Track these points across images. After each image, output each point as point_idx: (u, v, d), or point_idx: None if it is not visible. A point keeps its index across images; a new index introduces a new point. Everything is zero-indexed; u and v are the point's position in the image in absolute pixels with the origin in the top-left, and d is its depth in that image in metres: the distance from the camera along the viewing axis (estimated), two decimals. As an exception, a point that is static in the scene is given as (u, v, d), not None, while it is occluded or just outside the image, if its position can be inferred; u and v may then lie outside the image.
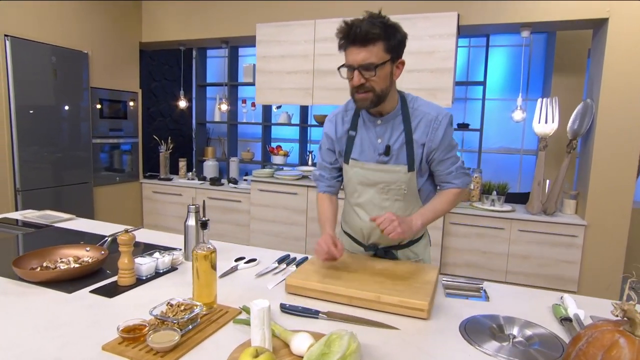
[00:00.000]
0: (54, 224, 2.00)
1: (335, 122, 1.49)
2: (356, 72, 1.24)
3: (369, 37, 1.20)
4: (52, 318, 1.06)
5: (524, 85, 4.48)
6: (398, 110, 1.38)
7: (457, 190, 1.44)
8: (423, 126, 1.37)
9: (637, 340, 0.68)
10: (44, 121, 3.46)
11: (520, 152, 4.59)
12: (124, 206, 4.36)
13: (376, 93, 1.27)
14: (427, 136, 1.37)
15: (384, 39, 1.22)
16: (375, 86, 1.26)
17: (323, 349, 0.79)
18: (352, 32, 1.22)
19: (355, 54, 1.23)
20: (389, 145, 1.39)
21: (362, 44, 1.22)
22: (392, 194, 1.43)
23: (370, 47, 1.21)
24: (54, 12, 3.53)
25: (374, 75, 1.24)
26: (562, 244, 3.11)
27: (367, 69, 1.23)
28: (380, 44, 1.22)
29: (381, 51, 1.23)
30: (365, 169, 1.43)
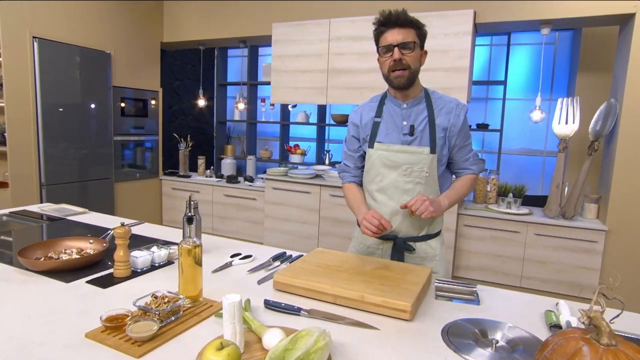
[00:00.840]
0: (67, 217, 2.09)
1: (361, 112, 1.61)
2: (396, 49, 1.41)
3: (407, 22, 1.41)
4: (44, 306, 1.11)
5: (547, 84, 4.33)
6: (422, 97, 1.53)
7: (474, 176, 1.60)
8: (445, 113, 1.51)
9: (601, 348, 0.65)
10: (68, 119, 3.61)
11: (543, 153, 4.44)
12: (144, 202, 4.49)
13: (411, 70, 1.43)
14: (450, 122, 1.50)
15: (416, 27, 1.43)
16: (410, 63, 1.42)
17: (287, 345, 0.80)
18: (393, 16, 1.41)
19: (396, 34, 1.40)
20: (414, 125, 1.50)
21: (402, 26, 1.40)
22: (414, 176, 1.51)
23: (408, 29, 1.41)
24: (78, 14, 3.68)
25: (411, 52, 1.41)
26: (581, 249, 3.00)
27: (406, 47, 1.41)
28: (413, 30, 1.43)
29: (415, 36, 1.43)
30: (390, 151, 1.52)
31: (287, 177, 3.93)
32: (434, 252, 1.59)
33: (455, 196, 1.54)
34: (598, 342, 0.67)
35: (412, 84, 1.48)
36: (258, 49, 5.22)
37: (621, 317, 1.14)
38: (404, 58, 1.41)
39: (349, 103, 3.75)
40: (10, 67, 3.23)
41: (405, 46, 1.41)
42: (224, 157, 5.04)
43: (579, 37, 3.91)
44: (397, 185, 1.51)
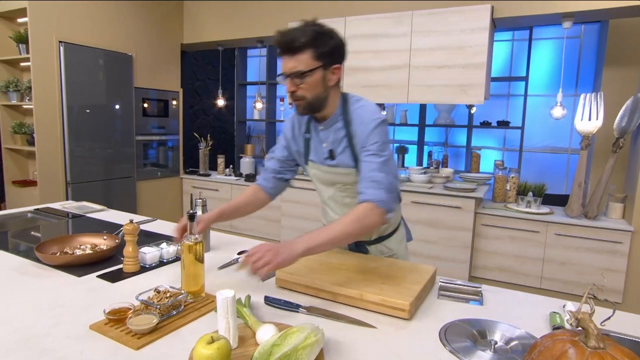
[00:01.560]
0: (86, 214, 2.17)
1: (292, 123, 1.51)
2: (288, 80, 1.26)
3: (295, 46, 1.21)
4: (54, 298, 1.16)
5: (572, 79, 4.19)
6: (338, 115, 1.36)
7: (365, 205, 1.22)
8: (358, 124, 1.33)
9: (588, 351, 0.63)
10: (92, 120, 3.75)
11: (568, 151, 4.30)
12: (165, 200, 4.61)
13: (307, 100, 1.28)
14: (357, 134, 1.33)
15: (312, 47, 1.22)
16: (305, 94, 1.27)
17: (276, 340, 0.81)
18: (280, 41, 1.23)
19: (286, 63, 1.25)
20: (332, 149, 1.40)
21: (290, 52, 1.23)
22: (350, 192, 1.44)
23: (298, 55, 1.22)
24: (102, 19, 3.81)
25: (303, 83, 1.25)
26: (605, 250, 2.89)
27: (296, 77, 1.24)
28: (308, 52, 1.22)
29: (310, 59, 1.23)
30: (321, 171, 1.45)
31: (304, 176, 3.93)
32: (390, 251, 1.57)
33: (323, 239, 1.16)
34: (586, 344, 0.65)
35: (316, 111, 1.34)
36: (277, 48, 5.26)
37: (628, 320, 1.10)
38: (297, 89, 1.26)
39: (364, 101, 3.72)
40: (39, 71, 3.38)
41: (296, 75, 1.24)
42: (243, 156, 5.11)
43: (606, 29, 3.76)
44: (337, 200, 1.47)
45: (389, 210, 1.25)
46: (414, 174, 3.59)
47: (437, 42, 3.22)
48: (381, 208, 1.22)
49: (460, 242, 3.24)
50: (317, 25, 1.25)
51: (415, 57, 3.34)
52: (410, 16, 3.32)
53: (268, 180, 1.54)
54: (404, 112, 4.51)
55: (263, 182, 1.54)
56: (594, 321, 0.65)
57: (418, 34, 3.31)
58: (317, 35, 1.23)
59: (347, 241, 1.26)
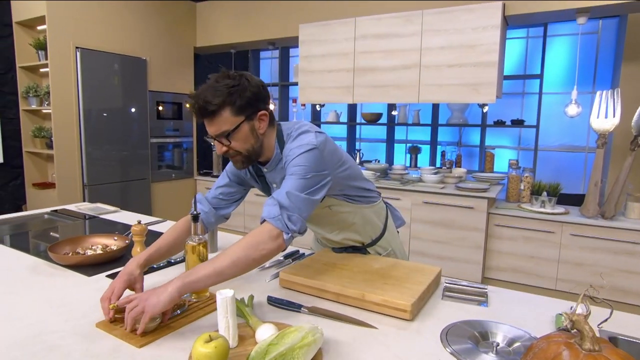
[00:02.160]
0: (100, 215, 2.23)
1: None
2: (216, 142, 1.21)
3: (210, 109, 1.14)
4: (64, 297, 1.20)
5: (589, 76, 4.09)
6: (278, 154, 1.30)
7: (259, 226, 1.15)
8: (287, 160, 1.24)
9: (582, 353, 0.62)
10: (108, 123, 3.84)
11: (585, 149, 4.20)
12: (179, 201, 4.68)
13: (244, 155, 1.23)
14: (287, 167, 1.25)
15: (228, 105, 1.15)
16: (239, 149, 1.21)
17: (274, 339, 0.82)
18: (195, 107, 1.16)
19: (208, 127, 1.19)
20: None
21: (209, 116, 1.16)
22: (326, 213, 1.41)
23: (217, 118, 1.16)
24: (116, 24, 3.90)
25: (233, 140, 1.19)
26: (624, 251, 2.81)
27: (223, 138, 1.18)
28: (226, 111, 1.15)
29: (230, 117, 1.16)
30: None
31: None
32: (385, 250, 1.57)
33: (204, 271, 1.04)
34: (581, 347, 0.64)
35: (257, 159, 1.28)
36: (289, 50, 5.29)
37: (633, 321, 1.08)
38: (228, 148, 1.20)
39: (375, 101, 3.72)
40: (57, 77, 3.48)
41: (222, 137, 1.18)
42: (255, 157, 5.15)
43: (625, 24, 3.66)
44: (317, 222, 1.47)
45: (286, 229, 1.13)
46: (425, 174, 3.56)
47: (448, 40, 3.19)
48: (275, 227, 1.12)
49: (472, 243, 3.20)
50: (228, 77, 1.17)
51: (425, 57, 3.31)
52: (420, 15, 3.30)
53: (210, 214, 1.41)
54: (416, 112, 4.48)
55: (204, 216, 1.40)
56: (589, 323, 0.64)
57: (428, 33, 3.28)
58: (231, 91, 1.14)
59: (235, 271, 1.08)
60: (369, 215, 1.50)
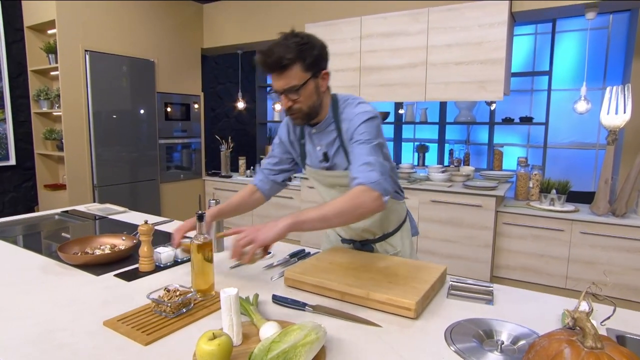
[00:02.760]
0: (109, 215, 2.26)
1: (288, 128, 1.52)
2: (283, 97, 1.28)
3: (283, 64, 1.21)
4: (73, 296, 1.22)
5: (600, 72, 4.04)
6: (330, 117, 1.38)
7: (358, 188, 1.20)
8: (346, 126, 1.35)
9: (584, 351, 0.62)
10: (117, 125, 3.88)
11: (596, 147, 4.15)
12: (188, 201, 4.72)
13: (305, 111, 1.31)
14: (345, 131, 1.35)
15: (299, 60, 1.22)
16: (302, 106, 1.30)
17: (276, 337, 0.83)
18: (266, 61, 1.23)
19: (276, 81, 1.26)
20: (326, 152, 1.42)
21: (279, 70, 1.23)
22: None
23: (288, 72, 1.23)
24: (125, 27, 3.94)
25: (299, 96, 1.27)
26: (635, 249, 2.77)
27: (291, 92, 1.26)
28: (297, 66, 1.23)
29: (300, 72, 1.23)
30: (318, 175, 1.48)
31: (322, 176, 3.95)
32: (394, 249, 1.57)
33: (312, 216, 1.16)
34: (583, 344, 0.64)
35: (314, 118, 1.36)
36: (295, 50, 5.30)
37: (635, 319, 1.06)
38: (293, 103, 1.29)
39: (382, 100, 3.71)
40: (67, 79, 3.53)
41: (290, 92, 1.26)
42: (263, 157, 5.17)
43: (636, 19, 3.60)
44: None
45: (385, 192, 1.21)
46: (433, 173, 3.55)
47: (454, 38, 3.17)
48: (375, 190, 1.18)
49: (481, 241, 3.17)
50: (297, 36, 1.24)
51: (432, 55, 3.30)
52: (426, 13, 3.28)
53: (264, 181, 1.56)
54: (423, 110, 4.46)
55: (259, 184, 1.56)
56: (592, 320, 0.64)
57: (435, 31, 3.27)
58: (301, 48, 1.22)
59: (339, 220, 1.19)
60: (394, 208, 1.53)
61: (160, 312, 1.08)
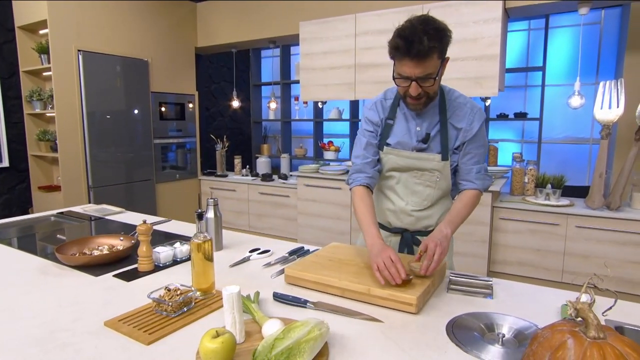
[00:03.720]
0: (105, 216, 2.24)
1: (377, 110, 1.49)
2: (414, 84, 1.26)
3: (429, 52, 1.19)
4: (74, 296, 1.21)
5: (592, 67, 4.06)
6: (437, 101, 1.41)
7: (476, 192, 1.44)
8: (460, 114, 1.41)
9: (587, 341, 0.63)
10: (111, 125, 3.86)
11: (589, 141, 4.18)
12: (184, 201, 4.70)
13: (430, 97, 1.33)
14: (463, 125, 1.41)
15: (438, 49, 1.21)
16: (429, 91, 1.30)
17: (279, 334, 0.83)
18: (413, 49, 1.18)
19: (414, 68, 1.22)
20: (429, 133, 1.42)
21: (420, 58, 1.20)
22: (425, 179, 1.47)
23: (428, 60, 1.21)
24: (118, 27, 3.91)
25: (432, 85, 1.27)
26: (630, 242, 2.80)
27: (425, 81, 1.25)
28: (435, 54, 1.22)
29: (436, 60, 1.23)
30: (400, 156, 1.46)
31: (319, 174, 3.96)
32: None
33: (459, 221, 1.38)
34: (585, 334, 0.64)
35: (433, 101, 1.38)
36: (290, 48, 5.29)
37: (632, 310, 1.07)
38: (422, 90, 1.28)
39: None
40: (59, 80, 3.50)
41: (425, 80, 1.25)
42: (259, 156, 5.17)
43: (628, 14, 3.63)
44: (407, 186, 1.49)
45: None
46: (429, 169, 3.55)
47: (450, 34, 3.18)
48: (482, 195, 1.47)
49: (477, 237, 3.19)
50: (434, 21, 1.22)
51: (427, 51, 3.30)
52: (421, 10, 3.28)
53: (373, 176, 1.48)
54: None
55: (369, 181, 1.46)
56: (594, 311, 0.65)
57: (429, 28, 3.27)
58: (440, 35, 1.21)
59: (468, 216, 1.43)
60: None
61: (161, 311, 1.08)
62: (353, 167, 1.50)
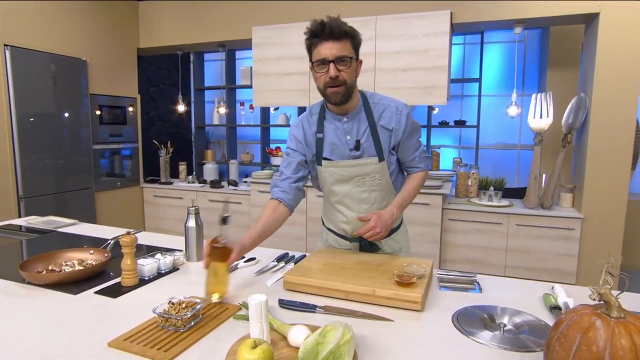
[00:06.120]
0: (57, 229, 2.04)
1: (302, 127, 1.54)
2: (332, 65, 1.33)
3: (342, 33, 1.32)
4: (58, 317, 1.10)
5: (519, 80, 4.51)
6: (361, 106, 1.48)
7: (423, 173, 1.60)
8: (387, 116, 1.47)
9: (612, 321, 0.71)
10: (44, 129, 3.50)
11: (518, 147, 4.62)
12: (126, 211, 4.40)
13: (347, 86, 1.37)
14: (392, 126, 1.47)
15: (351, 38, 1.36)
16: (347, 79, 1.36)
17: (318, 339, 0.83)
18: (327, 27, 1.31)
19: (331, 48, 1.32)
20: (359, 140, 1.47)
21: (337, 38, 1.32)
22: (367, 186, 1.51)
23: (343, 41, 1.33)
24: (52, 21, 3.58)
25: (348, 68, 1.35)
26: (560, 237, 3.15)
27: (342, 61, 1.34)
28: (349, 41, 1.35)
29: (350, 47, 1.36)
30: (339, 167, 1.50)
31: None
32: (399, 245, 1.66)
33: (408, 199, 1.52)
34: (608, 315, 0.73)
35: (350, 98, 1.41)
36: (235, 53, 5.20)
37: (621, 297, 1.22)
38: (340, 74, 1.33)
39: (331, 104, 3.79)
40: (-18, 77, 3.12)
41: (341, 61, 1.33)
42: (205, 162, 5.00)
43: (547, 34, 4.10)
44: (353, 196, 1.52)
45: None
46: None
47: (402, 45, 3.35)
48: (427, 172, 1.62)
49: (430, 238, 3.38)
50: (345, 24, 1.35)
51: (380, 61, 3.45)
52: (374, 21, 3.43)
53: (287, 191, 1.48)
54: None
55: (282, 195, 1.47)
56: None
57: (383, 39, 3.43)
58: (352, 29, 1.36)
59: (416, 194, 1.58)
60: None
61: (169, 327, 1.02)
62: (272, 181, 1.55)
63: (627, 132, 2.98)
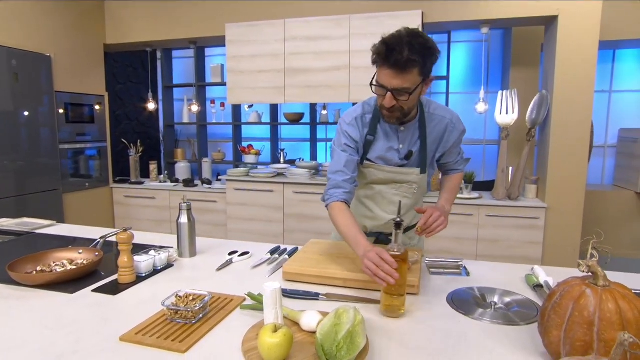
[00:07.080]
0: (35, 230, 1.97)
1: (357, 126, 1.45)
2: (389, 95, 1.24)
3: (409, 64, 1.17)
4: (58, 317, 1.08)
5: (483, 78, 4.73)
6: (417, 118, 1.44)
7: (462, 174, 1.67)
8: (439, 129, 1.46)
9: (599, 289, 0.80)
10: (5, 128, 3.33)
11: (483, 142, 4.84)
12: (95, 212, 4.26)
13: (404, 112, 1.31)
14: (443, 138, 1.48)
15: (420, 64, 1.19)
16: (403, 106, 1.28)
17: (334, 320, 0.88)
18: (392, 57, 1.17)
19: (391, 78, 1.21)
20: (412, 150, 1.45)
21: (399, 69, 1.18)
22: (402, 191, 1.52)
23: (407, 74, 1.19)
24: (13, 15, 3.40)
25: (407, 100, 1.24)
26: (526, 226, 3.34)
27: (401, 94, 1.23)
28: (416, 70, 1.20)
29: (416, 76, 1.21)
30: (381, 170, 1.49)
31: (249, 177, 3.93)
32: (411, 242, 1.71)
33: (454, 198, 1.58)
34: (596, 284, 0.82)
35: (407, 117, 1.36)
36: (205, 50, 5.12)
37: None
38: (396, 103, 1.25)
39: (307, 101, 3.84)
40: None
41: (401, 93, 1.23)
42: (176, 161, 4.91)
43: (509, 35, 4.32)
44: (385, 196, 1.53)
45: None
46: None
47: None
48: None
49: (405, 230, 3.49)
50: (422, 37, 1.20)
51: (354, 58, 3.52)
52: (348, 19, 3.49)
53: (351, 192, 1.42)
54: (337, 112, 4.70)
55: (347, 196, 1.39)
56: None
57: (357, 37, 3.50)
58: (425, 53, 1.19)
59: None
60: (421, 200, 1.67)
61: (178, 319, 1.04)
62: (330, 182, 1.42)
63: (584, 126, 3.20)
